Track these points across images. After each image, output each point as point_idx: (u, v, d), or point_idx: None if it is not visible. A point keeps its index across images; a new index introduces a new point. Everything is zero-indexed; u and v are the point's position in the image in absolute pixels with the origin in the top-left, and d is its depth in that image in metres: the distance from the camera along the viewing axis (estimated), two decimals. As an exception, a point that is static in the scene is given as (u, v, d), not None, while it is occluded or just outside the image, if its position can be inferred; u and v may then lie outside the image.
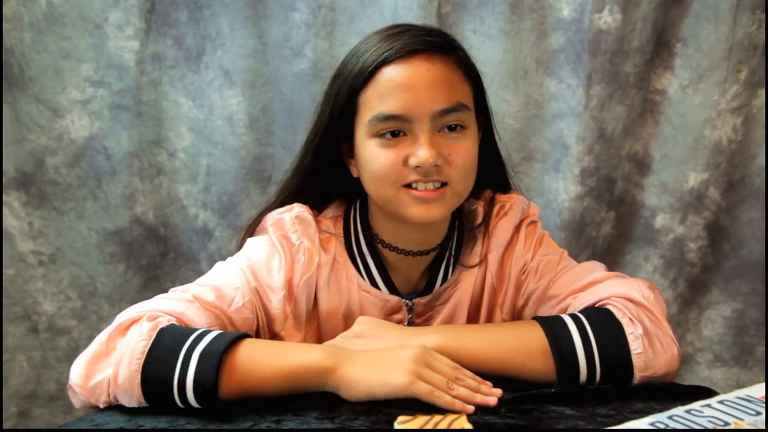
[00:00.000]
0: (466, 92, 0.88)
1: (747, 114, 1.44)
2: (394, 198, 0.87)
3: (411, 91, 0.83)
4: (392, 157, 0.85)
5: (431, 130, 0.84)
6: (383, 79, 0.85)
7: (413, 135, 0.85)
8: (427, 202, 0.86)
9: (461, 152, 0.86)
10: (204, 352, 0.72)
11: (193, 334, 0.75)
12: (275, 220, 0.94)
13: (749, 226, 1.49)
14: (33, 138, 1.39)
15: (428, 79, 0.84)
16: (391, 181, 0.86)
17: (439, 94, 0.84)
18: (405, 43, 0.85)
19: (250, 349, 0.75)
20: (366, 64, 0.86)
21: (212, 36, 1.40)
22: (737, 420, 0.63)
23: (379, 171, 0.87)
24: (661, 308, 0.86)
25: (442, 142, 0.85)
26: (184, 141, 1.45)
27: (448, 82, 0.85)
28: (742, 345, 1.55)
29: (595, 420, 0.73)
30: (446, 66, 0.85)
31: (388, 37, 0.87)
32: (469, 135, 0.88)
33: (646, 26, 1.39)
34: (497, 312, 1.01)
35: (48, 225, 1.44)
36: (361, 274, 0.96)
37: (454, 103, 0.85)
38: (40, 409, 1.51)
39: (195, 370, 0.71)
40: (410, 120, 0.84)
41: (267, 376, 0.74)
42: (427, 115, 0.84)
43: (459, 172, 0.86)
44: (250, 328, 0.88)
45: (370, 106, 0.86)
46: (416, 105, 0.83)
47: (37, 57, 1.36)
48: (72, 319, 1.48)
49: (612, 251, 1.56)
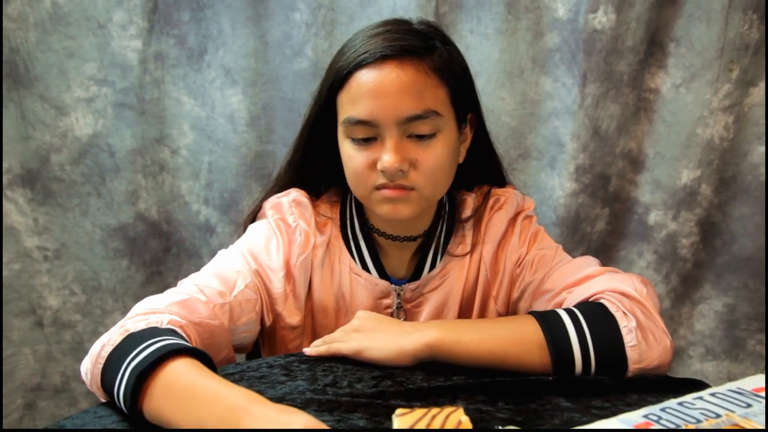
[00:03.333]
0: (439, 97, 0.86)
1: (738, 112, 1.44)
2: (368, 198, 0.89)
3: (379, 97, 0.83)
4: (363, 160, 0.86)
5: (398, 136, 0.84)
6: (355, 84, 0.85)
7: (382, 139, 0.85)
8: (394, 201, 0.87)
9: (429, 158, 0.86)
10: (133, 368, 0.68)
11: (140, 345, 0.70)
12: (273, 204, 0.97)
13: (741, 222, 1.49)
14: (38, 136, 1.39)
15: (396, 85, 0.83)
16: (362, 183, 0.88)
17: (407, 101, 0.83)
18: (378, 47, 0.84)
19: (167, 382, 0.67)
20: (342, 67, 0.86)
21: (214, 35, 1.40)
22: (729, 412, 0.63)
23: (352, 172, 0.89)
24: (654, 302, 0.86)
25: (410, 147, 0.85)
26: (186, 138, 1.45)
27: (418, 89, 0.84)
28: (733, 339, 1.56)
29: (590, 412, 0.73)
30: (417, 72, 0.84)
31: (368, 38, 0.86)
32: (440, 140, 0.87)
33: (639, 26, 1.39)
34: (491, 303, 1.01)
35: (53, 221, 1.44)
36: (353, 258, 0.98)
37: (422, 110, 0.84)
38: (45, 401, 1.51)
39: (124, 384, 0.68)
40: (378, 125, 0.84)
41: (170, 420, 0.65)
42: (394, 121, 0.83)
43: (426, 177, 0.86)
44: (254, 309, 0.90)
45: (344, 108, 0.87)
46: (383, 111, 0.83)
47: (41, 56, 1.36)
48: (76, 314, 1.48)
49: (606, 247, 1.56)
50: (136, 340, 0.71)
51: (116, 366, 0.70)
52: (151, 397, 0.66)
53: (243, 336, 0.90)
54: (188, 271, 1.45)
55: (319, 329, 0.99)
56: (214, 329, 0.84)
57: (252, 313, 0.90)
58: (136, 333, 0.73)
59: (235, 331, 0.88)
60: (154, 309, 0.80)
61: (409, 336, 0.83)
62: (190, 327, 0.80)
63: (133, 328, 0.74)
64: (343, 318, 0.98)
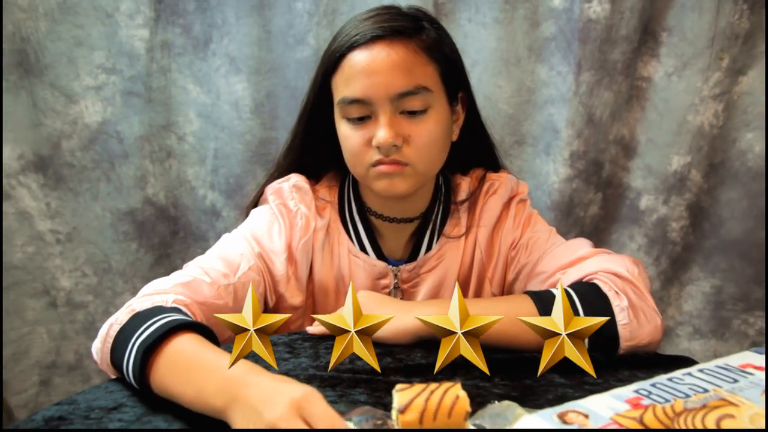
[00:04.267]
0: (429, 74, 0.87)
1: (728, 100, 1.43)
2: (365, 175, 0.90)
3: (371, 75, 0.84)
4: (359, 138, 0.87)
5: (391, 112, 0.85)
6: (348, 65, 0.86)
7: (376, 117, 0.86)
8: (390, 176, 0.87)
9: (421, 133, 0.86)
10: (139, 344, 0.68)
11: (147, 322, 0.70)
12: (275, 190, 0.97)
13: (728, 206, 1.49)
14: (49, 123, 1.39)
15: (387, 64, 0.84)
16: (359, 161, 0.88)
17: (398, 78, 0.84)
18: (368, 29, 0.85)
19: (172, 356, 0.67)
20: (335, 50, 0.87)
21: (219, 24, 1.39)
22: (716, 387, 0.63)
23: (349, 151, 0.89)
24: (645, 282, 0.86)
25: (402, 123, 0.86)
26: (192, 125, 1.45)
27: (408, 66, 0.84)
28: (719, 319, 1.56)
29: (583, 388, 0.73)
30: (407, 50, 0.85)
31: (360, 22, 0.87)
32: (431, 116, 0.87)
33: (633, 16, 1.38)
34: (486, 285, 1.01)
35: (64, 205, 1.44)
36: (351, 240, 0.98)
37: (413, 86, 0.84)
38: (59, 378, 1.52)
39: (132, 359, 0.68)
40: (371, 103, 0.85)
41: (176, 391, 0.66)
42: (386, 97, 0.84)
43: (419, 152, 0.87)
44: (257, 289, 0.90)
45: (339, 90, 0.87)
46: (375, 89, 0.84)
47: (51, 45, 1.35)
48: (88, 295, 1.49)
49: (599, 230, 1.57)
50: (142, 318, 0.72)
51: (124, 343, 0.70)
52: (157, 370, 0.67)
53: None
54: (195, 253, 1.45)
55: (320, 309, 0.99)
56: (219, 309, 0.84)
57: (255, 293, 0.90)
58: (142, 312, 0.73)
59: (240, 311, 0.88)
60: (159, 290, 0.80)
61: (408, 315, 0.83)
62: (195, 306, 0.80)
63: (139, 307, 0.75)
64: (343, 298, 0.98)
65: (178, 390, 0.65)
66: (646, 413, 0.58)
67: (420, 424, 0.57)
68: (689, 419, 0.57)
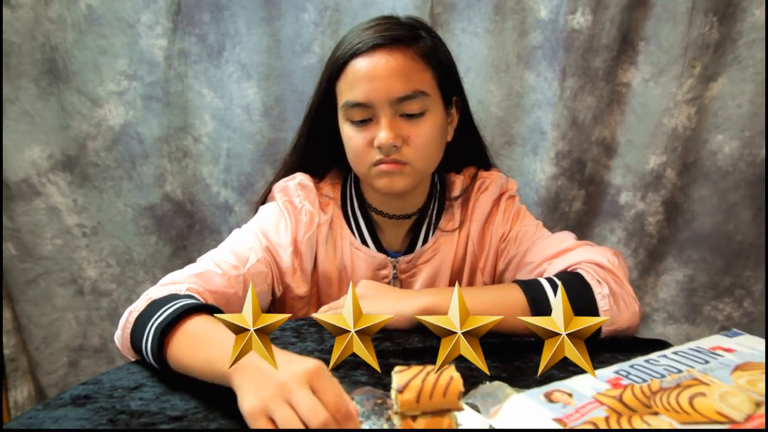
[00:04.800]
0: (426, 80, 0.86)
1: (700, 104, 1.43)
2: (367, 173, 0.89)
3: (373, 81, 0.83)
4: (362, 139, 0.87)
5: (392, 115, 0.85)
6: (351, 71, 0.85)
7: (377, 119, 0.85)
8: (391, 174, 0.87)
9: (420, 135, 0.86)
10: (157, 326, 0.69)
11: (163, 307, 0.70)
12: (281, 188, 0.97)
13: (700, 202, 1.49)
14: (76, 125, 1.38)
15: (387, 70, 0.83)
16: (362, 160, 0.88)
17: (397, 83, 0.83)
18: (370, 38, 0.84)
19: (187, 333, 0.68)
20: (338, 57, 0.87)
21: (231, 34, 1.38)
22: (689, 368, 0.63)
23: (352, 151, 0.89)
24: (625, 272, 0.86)
25: (402, 125, 0.86)
26: (207, 127, 1.44)
27: (406, 72, 0.84)
28: (691, 305, 1.56)
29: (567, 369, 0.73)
30: (405, 57, 0.84)
31: (362, 31, 0.87)
32: (428, 119, 0.87)
33: (613, 26, 1.37)
34: (478, 275, 1.01)
35: (90, 201, 1.43)
36: (353, 234, 0.98)
37: (411, 91, 0.84)
38: (86, 360, 1.52)
39: (150, 339, 0.69)
40: (373, 106, 0.84)
41: (189, 362, 0.66)
42: (386, 101, 0.84)
43: (417, 152, 0.87)
44: (266, 281, 0.90)
45: (342, 94, 0.87)
46: (377, 93, 0.84)
47: (78, 54, 1.35)
48: (112, 283, 1.48)
49: (582, 224, 1.56)
50: (158, 304, 0.72)
51: (143, 326, 0.71)
52: (173, 347, 0.67)
53: None
54: (210, 245, 1.46)
55: (324, 298, 0.99)
56: (230, 297, 0.84)
57: (264, 284, 0.90)
58: (158, 299, 0.74)
59: None
60: (174, 280, 0.81)
61: (406, 302, 0.83)
62: (207, 294, 0.80)
63: (156, 295, 0.75)
64: (345, 288, 0.98)
65: (191, 361, 0.65)
66: (625, 392, 0.58)
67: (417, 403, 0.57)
68: (665, 397, 0.57)
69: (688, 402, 0.56)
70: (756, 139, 1.41)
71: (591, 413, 0.55)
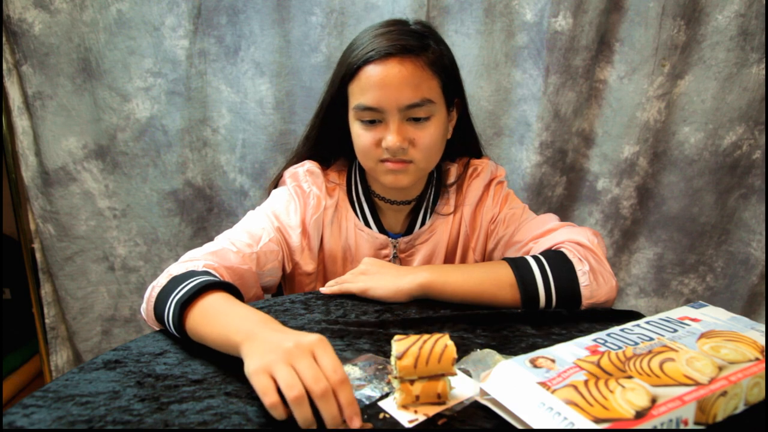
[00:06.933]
0: (433, 87, 0.84)
1: (669, 99, 1.42)
2: (373, 169, 0.88)
3: (384, 88, 0.81)
4: (370, 138, 0.85)
5: (400, 120, 0.83)
6: (364, 76, 0.83)
7: (386, 122, 0.84)
8: (396, 172, 0.86)
9: (425, 137, 0.85)
10: (176, 301, 0.68)
11: (182, 283, 0.70)
12: (292, 174, 0.96)
13: (669, 188, 1.48)
14: (107, 118, 1.37)
15: (398, 79, 0.81)
16: (369, 157, 0.87)
17: (407, 92, 0.82)
18: (383, 46, 0.82)
19: (203, 308, 0.67)
20: (353, 62, 0.84)
21: (246, 35, 1.36)
22: (659, 336, 0.63)
23: (361, 148, 0.87)
24: (603, 250, 0.86)
25: (409, 129, 0.84)
26: (224, 120, 1.43)
27: (416, 81, 0.82)
28: (660, 281, 1.56)
29: (551, 338, 0.73)
30: (415, 67, 0.82)
31: (374, 37, 0.84)
32: (433, 122, 0.85)
33: (592, 29, 1.35)
34: (470, 254, 1.01)
35: (120, 187, 1.43)
36: (357, 216, 0.97)
37: (419, 99, 0.82)
38: (118, 329, 1.52)
39: (171, 313, 0.68)
40: (383, 111, 0.83)
41: (205, 333, 0.65)
42: (396, 108, 0.82)
43: (422, 153, 0.86)
44: (277, 258, 0.90)
45: (355, 96, 0.85)
46: (387, 100, 0.82)
47: (109, 54, 1.34)
48: (140, 261, 1.48)
49: (563, 207, 1.55)
50: (178, 280, 0.71)
51: (164, 301, 0.70)
52: (191, 321, 0.67)
53: (268, 280, 0.90)
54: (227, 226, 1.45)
55: (330, 275, 0.98)
56: (244, 272, 0.83)
57: (275, 261, 0.89)
58: (178, 275, 0.73)
59: (262, 275, 0.88)
60: (193, 258, 0.80)
61: (405, 277, 0.83)
62: (222, 269, 0.80)
63: (176, 272, 0.75)
64: (349, 266, 0.98)
65: (207, 331, 0.65)
66: (602, 358, 0.58)
67: (414, 368, 0.56)
68: (638, 362, 0.57)
69: (658, 366, 0.56)
70: (718, 131, 1.41)
71: (572, 377, 0.54)
